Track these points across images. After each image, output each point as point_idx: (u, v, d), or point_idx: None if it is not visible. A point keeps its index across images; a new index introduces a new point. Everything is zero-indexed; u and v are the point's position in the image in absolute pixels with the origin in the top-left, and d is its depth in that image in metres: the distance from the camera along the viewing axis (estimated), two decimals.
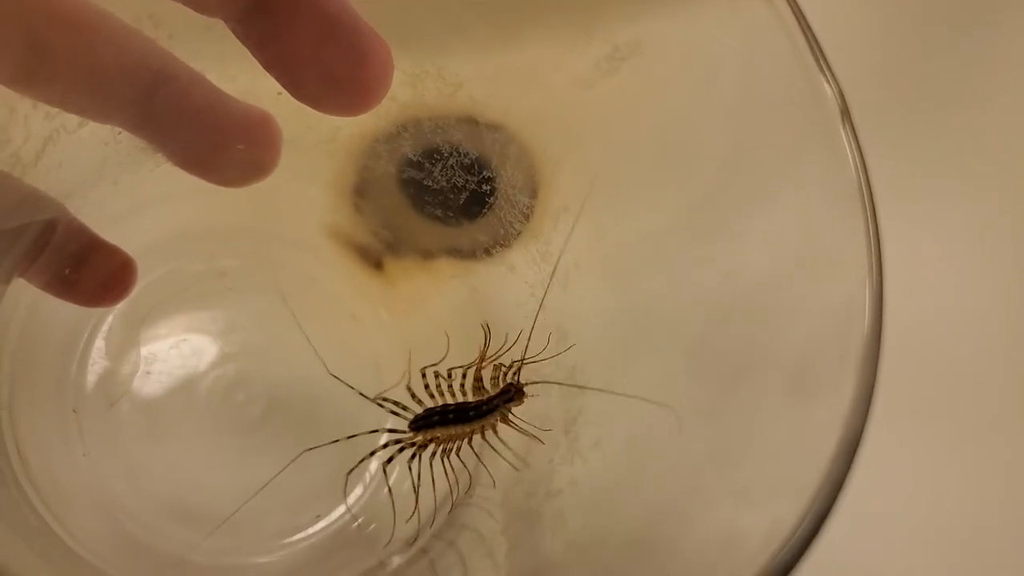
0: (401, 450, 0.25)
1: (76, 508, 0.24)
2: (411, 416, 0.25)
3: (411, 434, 0.25)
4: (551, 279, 0.22)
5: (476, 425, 0.24)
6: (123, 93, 0.19)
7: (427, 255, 0.28)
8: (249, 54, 0.19)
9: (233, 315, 0.28)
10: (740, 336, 0.15)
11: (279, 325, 0.28)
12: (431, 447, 0.25)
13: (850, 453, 0.11)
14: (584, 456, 0.19)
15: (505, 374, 0.24)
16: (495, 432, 0.24)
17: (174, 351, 0.27)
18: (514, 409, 0.24)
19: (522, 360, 0.24)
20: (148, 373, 0.26)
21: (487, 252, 0.26)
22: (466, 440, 0.25)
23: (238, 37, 0.19)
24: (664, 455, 0.17)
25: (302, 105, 0.20)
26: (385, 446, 0.26)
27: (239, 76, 0.21)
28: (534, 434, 0.23)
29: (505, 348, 0.24)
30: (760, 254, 0.15)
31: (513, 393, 0.24)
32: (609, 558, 0.16)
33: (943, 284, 0.33)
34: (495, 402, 0.24)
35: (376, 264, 0.29)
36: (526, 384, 0.24)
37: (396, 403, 0.25)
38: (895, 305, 0.32)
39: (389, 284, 0.29)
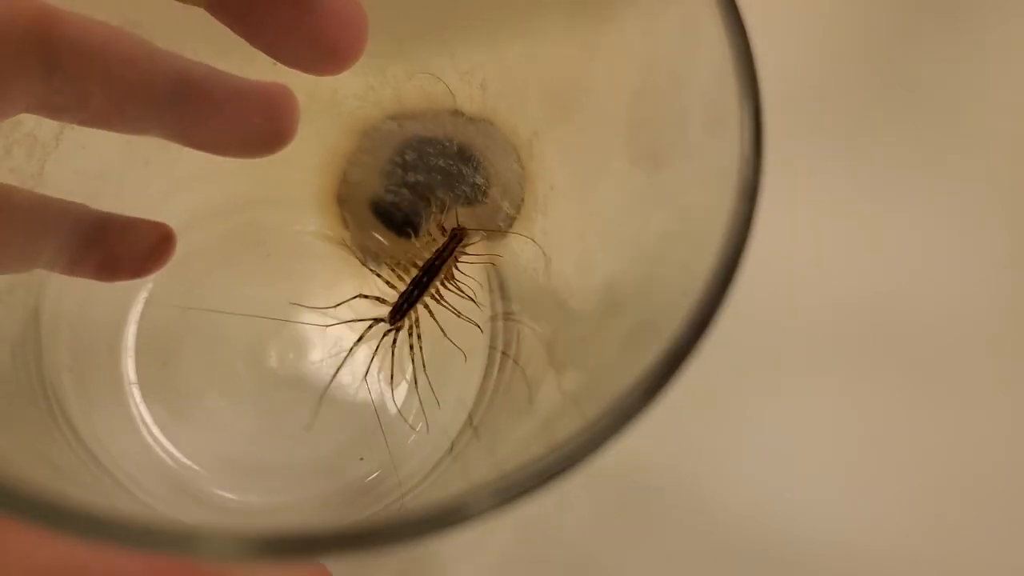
0: (385, 335, 0.27)
1: (132, 457, 0.27)
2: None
3: (396, 323, 0.27)
4: None
5: (443, 273, 0.26)
6: (147, 106, 0.21)
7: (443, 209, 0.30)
8: None
9: (272, 279, 0.30)
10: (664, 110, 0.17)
11: (316, 287, 0.30)
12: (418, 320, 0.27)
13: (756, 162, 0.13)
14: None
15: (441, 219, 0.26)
16: (460, 271, 0.27)
17: (219, 314, 0.29)
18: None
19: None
20: (195, 336, 0.29)
21: (484, 193, 0.27)
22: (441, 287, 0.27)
23: (218, 19, 0.20)
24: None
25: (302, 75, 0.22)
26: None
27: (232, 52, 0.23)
28: (489, 260, 0.26)
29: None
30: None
31: (459, 233, 0.26)
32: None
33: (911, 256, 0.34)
34: (450, 247, 0.26)
35: (401, 226, 0.31)
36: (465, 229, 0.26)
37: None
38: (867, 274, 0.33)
39: (411, 247, 0.31)
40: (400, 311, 0.27)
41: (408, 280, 0.27)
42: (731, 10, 0.15)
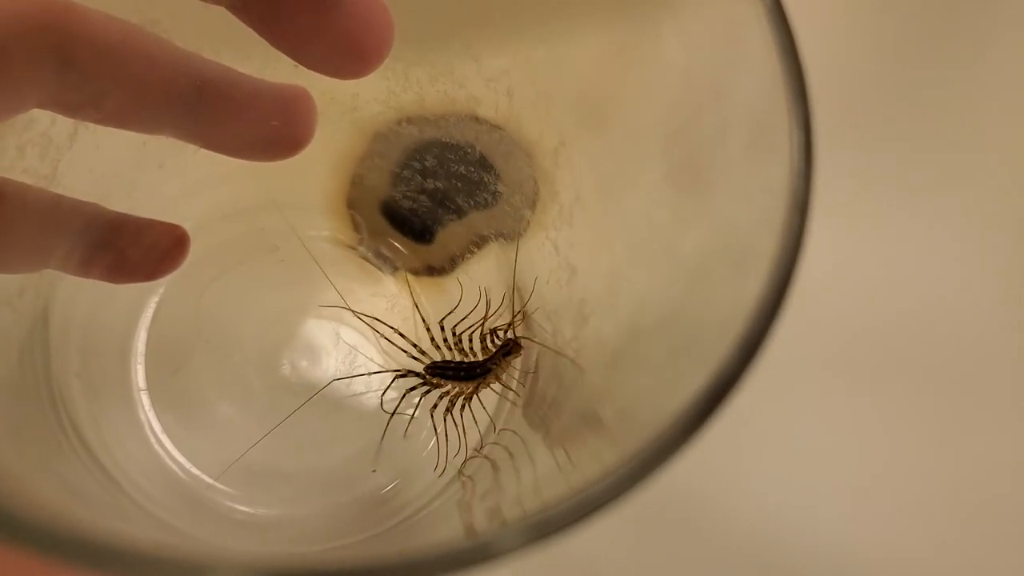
0: (413, 389, 0.27)
1: (140, 466, 0.26)
2: (426, 361, 0.27)
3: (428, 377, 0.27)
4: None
5: (480, 381, 0.26)
6: (164, 106, 0.20)
7: (460, 214, 0.29)
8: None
9: (285, 285, 0.30)
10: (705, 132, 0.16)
11: (331, 293, 0.30)
12: (444, 399, 0.27)
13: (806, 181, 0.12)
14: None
15: (504, 331, 0.26)
16: (497, 380, 0.26)
17: (231, 320, 0.29)
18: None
19: (516, 315, 0.26)
20: (207, 342, 0.28)
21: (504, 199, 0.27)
22: (470, 394, 0.27)
23: (240, 19, 0.19)
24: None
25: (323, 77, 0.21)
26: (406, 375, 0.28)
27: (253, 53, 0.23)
28: (516, 391, 0.26)
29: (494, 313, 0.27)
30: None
31: (512, 346, 0.26)
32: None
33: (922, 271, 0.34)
34: (496, 358, 0.26)
35: (419, 233, 0.30)
36: (522, 338, 0.26)
37: (415, 346, 0.28)
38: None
39: (427, 252, 0.30)
40: (437, 371, 0.27)
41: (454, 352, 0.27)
42: (778, 14, 0.14)
